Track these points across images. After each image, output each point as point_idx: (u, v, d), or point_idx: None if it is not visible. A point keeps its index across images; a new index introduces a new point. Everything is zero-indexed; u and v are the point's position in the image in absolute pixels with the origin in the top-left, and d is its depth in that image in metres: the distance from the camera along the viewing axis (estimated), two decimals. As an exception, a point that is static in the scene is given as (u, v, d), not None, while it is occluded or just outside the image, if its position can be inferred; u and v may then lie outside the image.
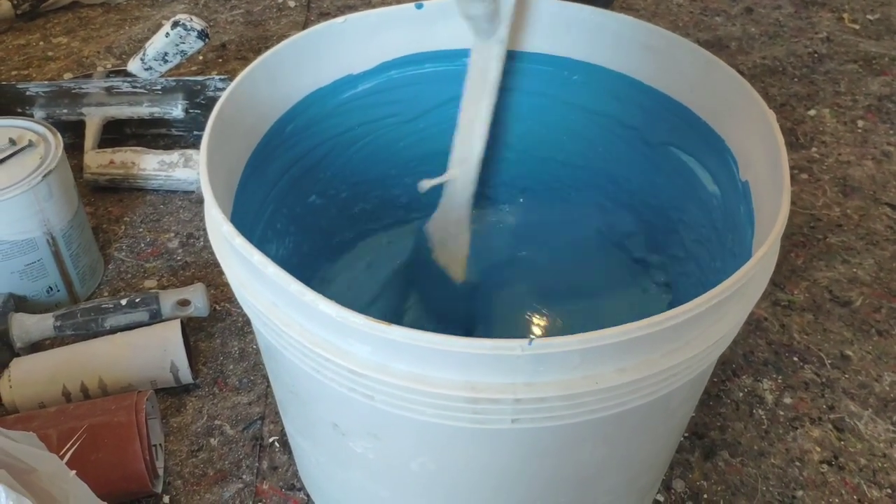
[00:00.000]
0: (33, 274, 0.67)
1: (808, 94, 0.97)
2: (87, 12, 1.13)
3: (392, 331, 0.34)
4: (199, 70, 1.01)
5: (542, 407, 0.36)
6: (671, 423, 0.46)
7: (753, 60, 1.03)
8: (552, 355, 0.34)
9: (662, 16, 1.12)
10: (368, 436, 0.41)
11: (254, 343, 0.67)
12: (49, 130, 0.67)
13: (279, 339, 0.39)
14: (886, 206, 0.81)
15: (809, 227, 0.79)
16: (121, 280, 0.73)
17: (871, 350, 0.67)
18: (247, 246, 0.38)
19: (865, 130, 0.91)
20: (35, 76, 0.99)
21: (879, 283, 0.73)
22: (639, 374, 0.36)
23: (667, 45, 0.52)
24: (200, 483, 0.57)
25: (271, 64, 0.51)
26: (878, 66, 1.02)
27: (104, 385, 0.60)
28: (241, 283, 0.40)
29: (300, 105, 0.54)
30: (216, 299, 0.71)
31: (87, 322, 0.64)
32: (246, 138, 0.50)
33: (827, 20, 1.11)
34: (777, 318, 0.70)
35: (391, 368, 0.36)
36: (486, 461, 0.41)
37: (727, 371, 0.65)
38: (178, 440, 0.60)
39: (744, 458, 0.59)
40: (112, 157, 0.81)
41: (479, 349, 0.34)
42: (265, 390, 0.63)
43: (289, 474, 0.58)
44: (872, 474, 0.58)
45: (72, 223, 0.68)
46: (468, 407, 0.36)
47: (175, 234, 0.78)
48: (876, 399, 0.63)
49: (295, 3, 1.15)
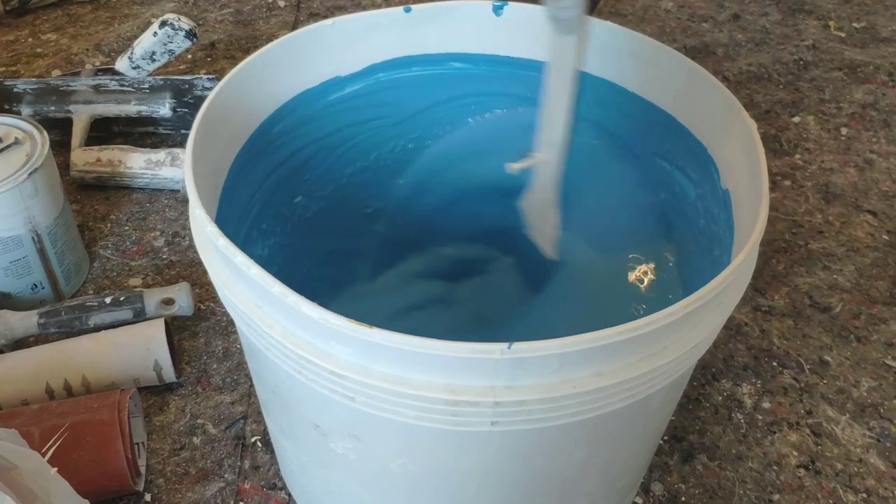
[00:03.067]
0: (18, 271, 0.67)
1: (792, 101, 0.98)
2: (76, 9, 1.13)
3: (373, 333, 0.35)
4: (187, 69, 1.01)
5: (521, 410, 0.36)
6: (650, 427, 0.46)
7: (739, 67, 1.04)
8: (531, 359, 0.35)
9: (650, 21, 1.13)
10: (349, 436, 0.42)
11: (237, 342, 0.67)
12: (35, 128, 0.67)
13: (261, 341, 0.40)
14: (868, 213, 0.82)
15: (791, 234, 0.79)
16: (106, 278, 0.73)
17: (850, 356, 0.68)
18: (230, 247, 0.38)
19: (849, 138, 0.92)
20: (23, 73, 0.99)
21: (859, 290, 0.74)
22: (617, 379, 0.37)
23: (651, 53, 0.53)
24: (182, 482, 0.57)
25: (259, 64, 0.51)
26: (863, 74, 1.03)
27: (87, 383, 0.60)
28: (224, 284, 0.41)
29: (287, 106, 0.54)
30: (201, 298, 0.71)
31: (71, 320, 0.64)
32: (232, 138, 0.51)
33: (813, 28, 1.12)
34: (757, 323, 0.70)
35: (372, 370, 0.36)
36: (466, 463, 0.41)
37: (707, 375, 0.66)
38: (160, 439, 0.60)
39: (722, 462, 0.60)
40: (99, 155, 0.81)
41: (458, 352, 0.34)
42: (248, 390, 0.63)
43: (270, 474, 0.58)
44: (848, 479, 0.59)
45: (57, 221, 0.68)
46: (448, 409, 0.36)
47: (161, 233, 0.78)
48: (853, 404, 0.64)
49: (284, 3, 1.15)
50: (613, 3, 1.17)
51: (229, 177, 0.50)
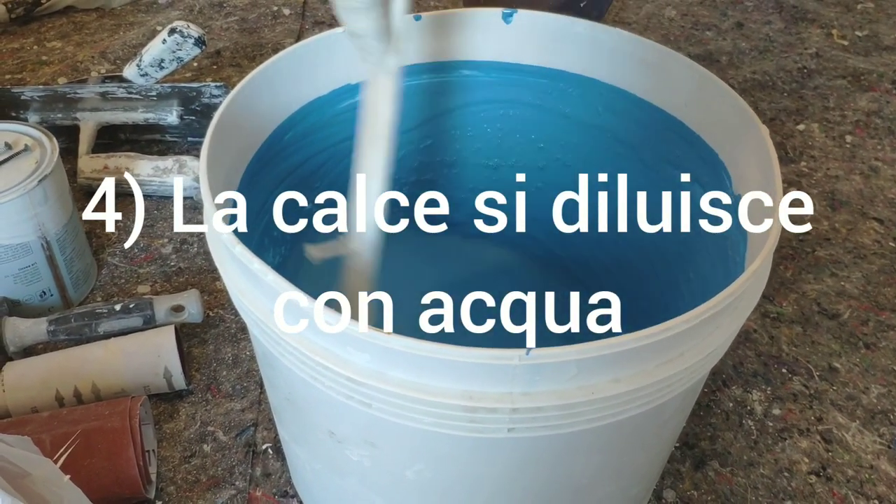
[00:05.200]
0: (27, 278, 0.67)
1: (797, 108, 0.98)
2: (81, 17, 1.13)
3: (391, 339, 0.35)
4: (193, 76, 1.01)
5: (538, 416, 0.36)
6: (664, 434, 0.46)
7: (744, 75, 1.04)
8: (548, 365, 0.35)
9: (654, 29, 1.13)
10: (365, 443, 0.42)
11: (247, 349, 0.67)
12: (45, 135, 0.67)
13: (277, 347, 0.40)
14: (874, 220, 0.82)
15: (798, 241, 0.80)
16: (114, 285, 0.73)
17: (859, 362, 0.68)
18: (247, 253, 0.38)
19: (854, 145, 0.93)
20: (29, 80, 0.99)
21: (867, 297, 0.74)
22: (633, 385, 0.37)
23: (661, 60, 0.53)
24: (193, 489, 0.57)
25: (271, 73, 0.51)
26: (867, 81, 1.03)
27: (97, 390, 0.60)
28: (239, 291, 0.41)
29: (299, 113, 0.54)
30: (210, 305, 0.71)
31: (80, 327, 0.64)
32: (245, 146, 0.51)
33: (816, 36, 1.12)
34: (766, 329, 0.70)
35: (389, 376, 0.36)
36: (482, 469, 0.41)
37: (717, 381, 0.66)
38: (170, 446, 0.60)
39: (733, 469, 0.60)
40: (106, 163, 0.81)
41: (476, 358, 0.34)
42: (258, 397, 0.63)
43: (282, 481, 0.58)
44: (860, 485, 0.59)
45: (66, 228, 0.68)
46: (465, 416, 0.36)
47: (169, 240, 0.78)
48: (863, 411, 0.64)
49: (290, 11, 1.16)
50: (617, 12, 1.17)
51: (242, 184, 0.50)
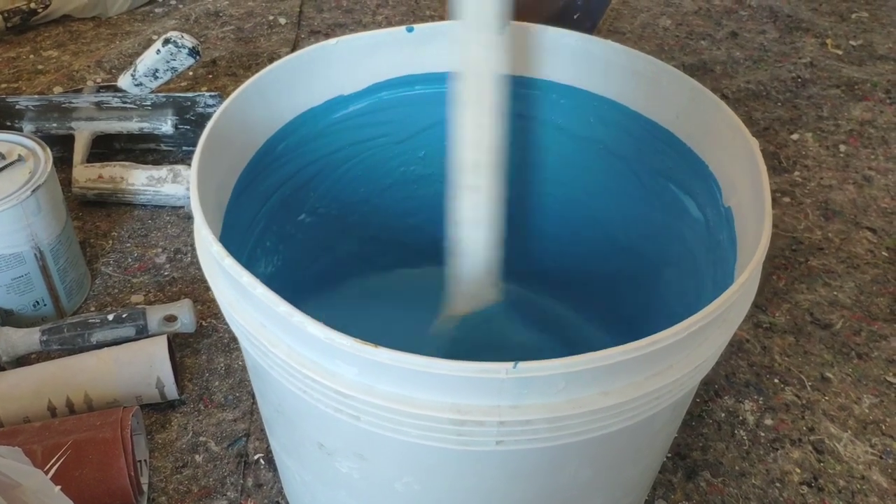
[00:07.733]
0: (20, 288, 0.67)
1: (791, 118, 0.99)
2: (77, 26, 1.13)
3: (379, 352, 0.35)
4: (189, 86, 1.01)
5: (526, 429, 0.36)
6: (654, 445, 0.46)
7: (738, 84, 1.04)
8: (536, 378, 0.35)
9: (648, 39, 1.14)
10: (354, 456, 0.42)
11: (240, 360, 0.67)
12: (39, 145, 0.67)
13: (266, 359, 0.40)
14: (867, 230, 0.82)
15: (791, 250, 0.80)
16: (108, 295, 0.73)
17: (851, 372, 0.68)
18: (236, 266, 0.38)
19: (847, 155, 0.93)
20: (25, 89, 0.99)
21: (859, 307, 0.74)
22: (623, 398, 0.37)
23: (653, 72, 0.53)
24: (185, 499, 0.57)
25: (264, 83, 0.52)
26: (861, 91, 1.03)
27: (90, 400, 0.60)
28: (229, 303, 0.41)
29: (292, 124, 0.55)
30: (203, 315, 0.71)
31: (73, 337, 0.64)
32: (237, 156, 0.51)
33: (810, 45, 1.13)
34: (758, 339, 0.70)
35: (377, 390, 0.36)
36: (471, 482, 0.41)
37: (709, 392, 0.66)
38: (162, 456, 0.60)
39: (725, 479, 0.60)
40: (101, 172, 0.82)
41: (464, 371, 0.34)
42: (251, 407, 0.63)
43: (273, 492, 0.58)
44: (851, 496, 0.59)
45: (60, 238, 0.68)
46: (453, 429, 0.36)
47: (162, 250, 0.78)
48: (855, 421, 0.64)
49: (286, 21, 1.16)
50: (612, 21, 1.18)
51: (233, 195, 0.50)
